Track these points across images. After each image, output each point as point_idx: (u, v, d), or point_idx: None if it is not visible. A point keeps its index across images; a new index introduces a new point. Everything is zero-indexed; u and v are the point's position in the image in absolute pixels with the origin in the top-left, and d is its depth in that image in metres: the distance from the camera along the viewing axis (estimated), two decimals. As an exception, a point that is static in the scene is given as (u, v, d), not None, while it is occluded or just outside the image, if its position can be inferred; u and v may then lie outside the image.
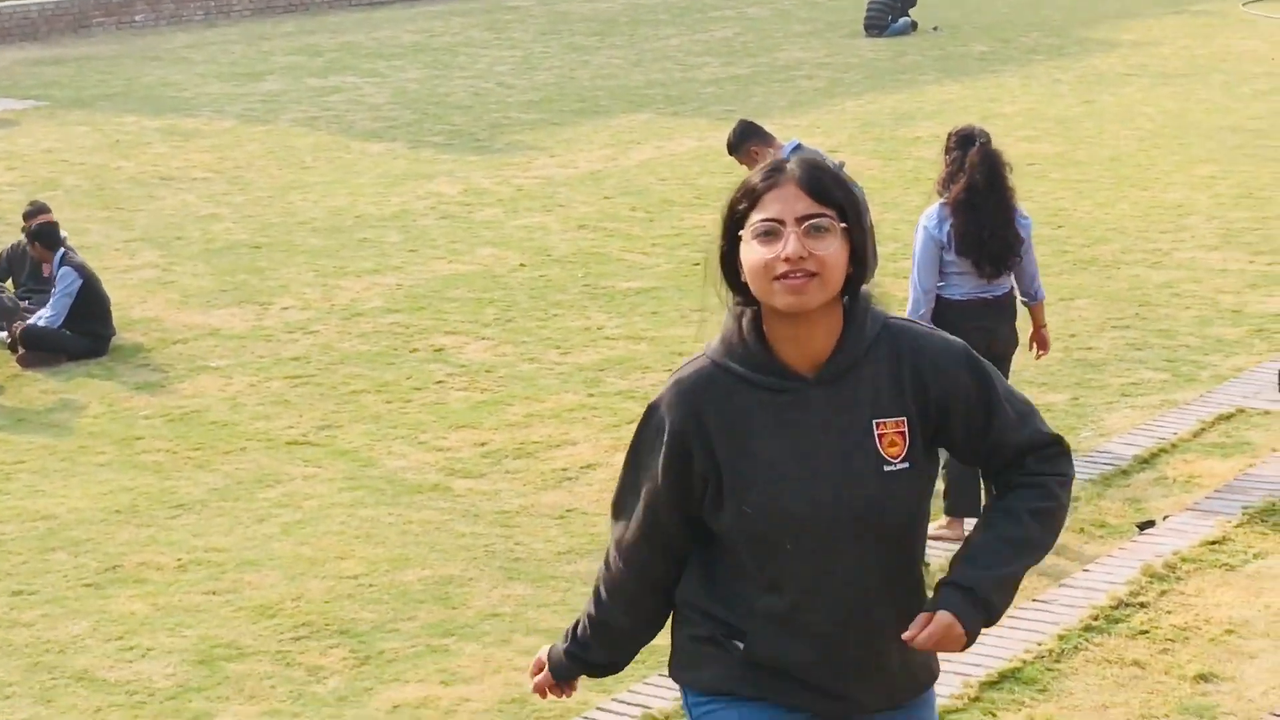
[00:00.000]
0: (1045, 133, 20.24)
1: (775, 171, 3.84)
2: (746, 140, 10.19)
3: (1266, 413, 9.81)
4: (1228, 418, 9.74)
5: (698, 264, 14.74)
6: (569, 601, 8.26)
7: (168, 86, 24.18)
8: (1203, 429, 9.58)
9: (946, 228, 8.48)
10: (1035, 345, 9.11)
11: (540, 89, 24.00)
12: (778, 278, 3.82)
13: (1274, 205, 16.12)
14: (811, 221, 3.76)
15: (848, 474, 3.74)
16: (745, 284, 3.93)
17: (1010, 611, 7.21)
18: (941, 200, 8.60)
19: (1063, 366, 11.68)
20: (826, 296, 3.79)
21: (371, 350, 12.51)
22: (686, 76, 24.88)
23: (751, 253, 3.88)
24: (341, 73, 25.32)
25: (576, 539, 9.07)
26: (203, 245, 15.61)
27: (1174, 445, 9.34)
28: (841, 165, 10.01)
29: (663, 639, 4.25)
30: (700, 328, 4.06)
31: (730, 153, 10.33)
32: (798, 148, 10.11)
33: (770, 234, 3.82)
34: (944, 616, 3.71)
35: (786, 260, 3.78)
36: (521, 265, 14.82)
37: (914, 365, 3.78)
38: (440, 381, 11.80)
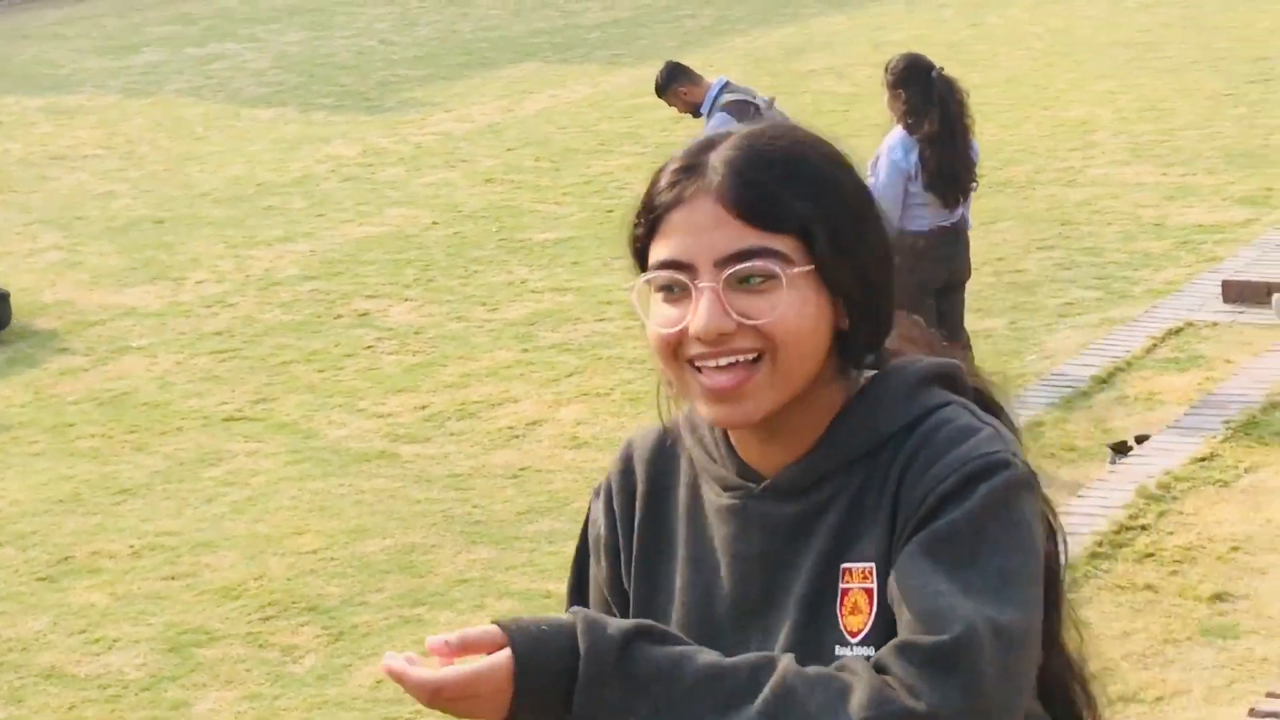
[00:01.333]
0: (937, 58, 19.80)
1: (686, 171, 2.36)
2: (673, 82, 9.99)
3: (1213, 325, 9.79)
4: (1176, 332, 9.70)
5: (611, 211, 14.55)
6: (536, 562, 8.10)
7: (43, 64, 23.57)
8: (1154, 345, 9.54)
9: (914, 158, 8.29)
10: None
11: (424, 44, 23.64)
12: (691, 363, 2.32)
13: (1177, 116, 16.16)
14: (739, 269, 2.25)
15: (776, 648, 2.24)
16: None
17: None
18: (910, 133, 8.36)
19: (995, 291, 11.60)
20: (782, 396, 2.27)
21: (295, 319, 12.21)
22: (570, 23, 24.60)
23: (653, 316, 2.34)
24: (220, 40, 24.80)
25: (534, 498, 8.88)
26: (105, 224, 15.19)
27: (1128, 363, 9.29)
28: (772, 102, 9.84)
29: None
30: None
31: (659, 94, 10.12)
32: (725, 85, 9.91)
33: (674, 288, 2.31)
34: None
35: (699, 339, 2.28)
36: (434, 223, 14.55)
37: (905, 466, 2.24)
38: (370, 346, 11.54)
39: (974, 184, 8.46)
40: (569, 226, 14.19)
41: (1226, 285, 10.28)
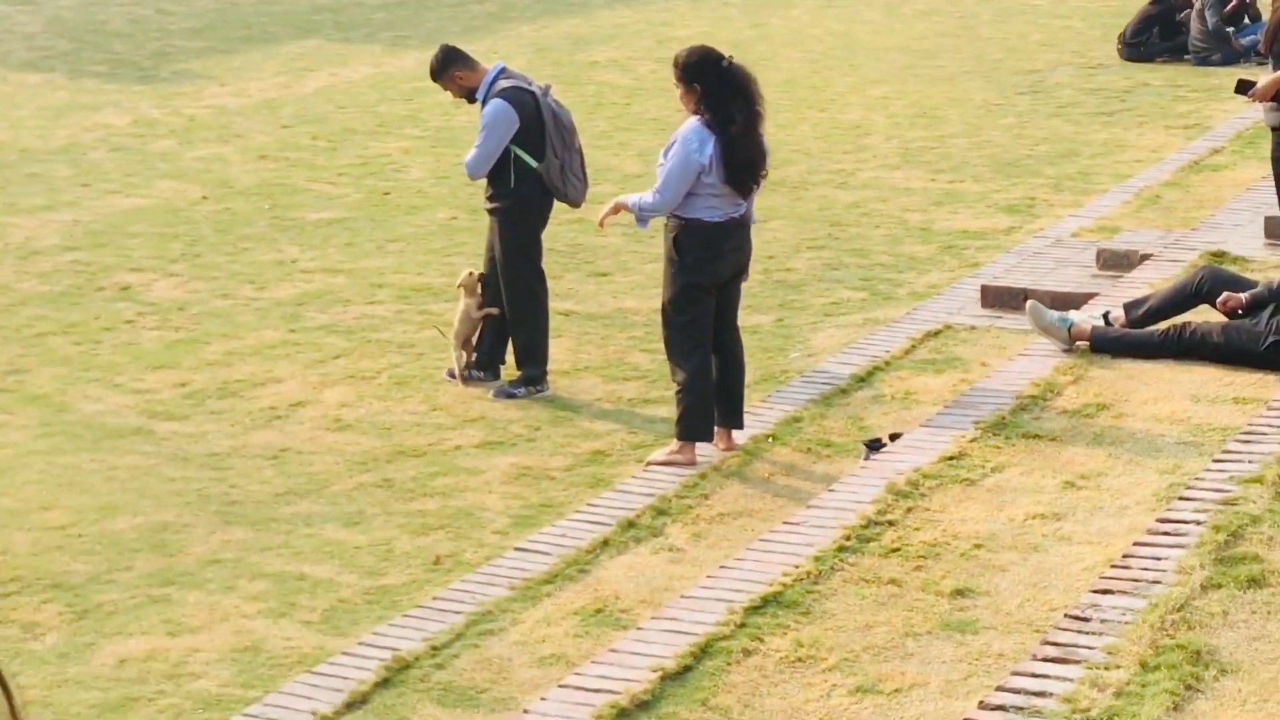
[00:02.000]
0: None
1: None
2: (450, 66, 9.93)
3: (971, 328, 10.01)
4: (935, 334, 9.90)
5: (388, 193, 14.46)
6: (292, 544, 8.00)
7: None
8: (913, 346, 9.72)
9: (709, 150, 8.32)
10: None
11: (202, 15, 23.24)
12: None
13: (948, 124, 16.50)
14: None
15: None
16: None
17: (760, 534, 7.26)
18: (709, 126, 8.36)
19: (764, 288, 11.75)
20: None
21: (54, 290, 11.93)
22: (355, 2, 24.36)
23: None
24: (-11, 0, 24.13)
25: (293, 479, 8.78)
26: None
27: (887, 363, 9.46)
28: (547, 90, 9.83)
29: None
30: None
31: (434, 79, 10.06)
32: (502, 72, 9.89)
33: None
34: None
35: None
36: (204, 198, 14.33)
37: None
38: (130, 321, 11.32)
39: (764, 175, 8.53)
40: (343, 207, 14.06)
41: (985, 290, 10.52)
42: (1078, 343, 8.52)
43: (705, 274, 8.43)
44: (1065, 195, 13.87)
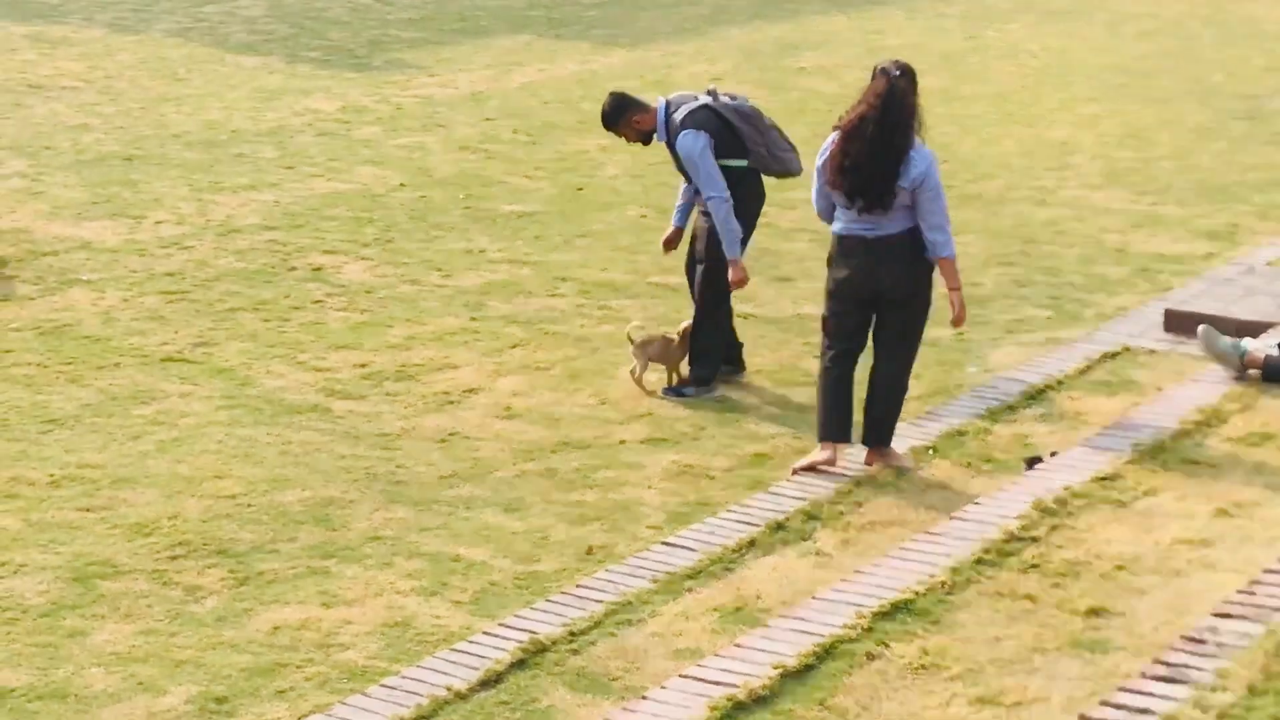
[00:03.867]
0: (930, 68, 20.30)
1: None
2: (626, 111, 10.17)
3: (1151, 352, 9.95)
4: (1113, 356, 9.86)
5: (581, 189, 14.71)
6: (451, 526, 8.24)
7: (34, -9, 23.68)
8: (1089, 367, 9.70)
9: (825, 154, 8.42)
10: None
11: (420, 6, 23.77)
12: None
13: (1157, 146, 16.33)
14: None
15: None
16: None
17: (901, 543, 7.33)
18: (836, 125, 8.47)
19: (947, 303, 11.72)
20: None
21: (248, 268, 12.36)
22: (569, 0, 24.74)
23: None
24: (215, -17, 24.91)
25: (459, 463, 9.03)
26: (73, 156, 15.34)
27: (1060, 382, 9.46)
28: (714, 93, 9.99)
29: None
30: None
31: (608, 126, 10.27)
32: (668, 105, 10.09)
33: None
34: None
35: None
36: (401, 185, 14.71)
37: None
38: (319, 301, 11.69)
39: (891, 195, 8.60)
40: (537, 201, 14.34)
41: (1169, 314, 10.44)
42: (1250, 370, 8.44)
43: (833, 283, 8.51)
44: (1270, 224, 13.67)
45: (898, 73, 8.41)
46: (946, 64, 20.61)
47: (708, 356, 10.02)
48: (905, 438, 9.10)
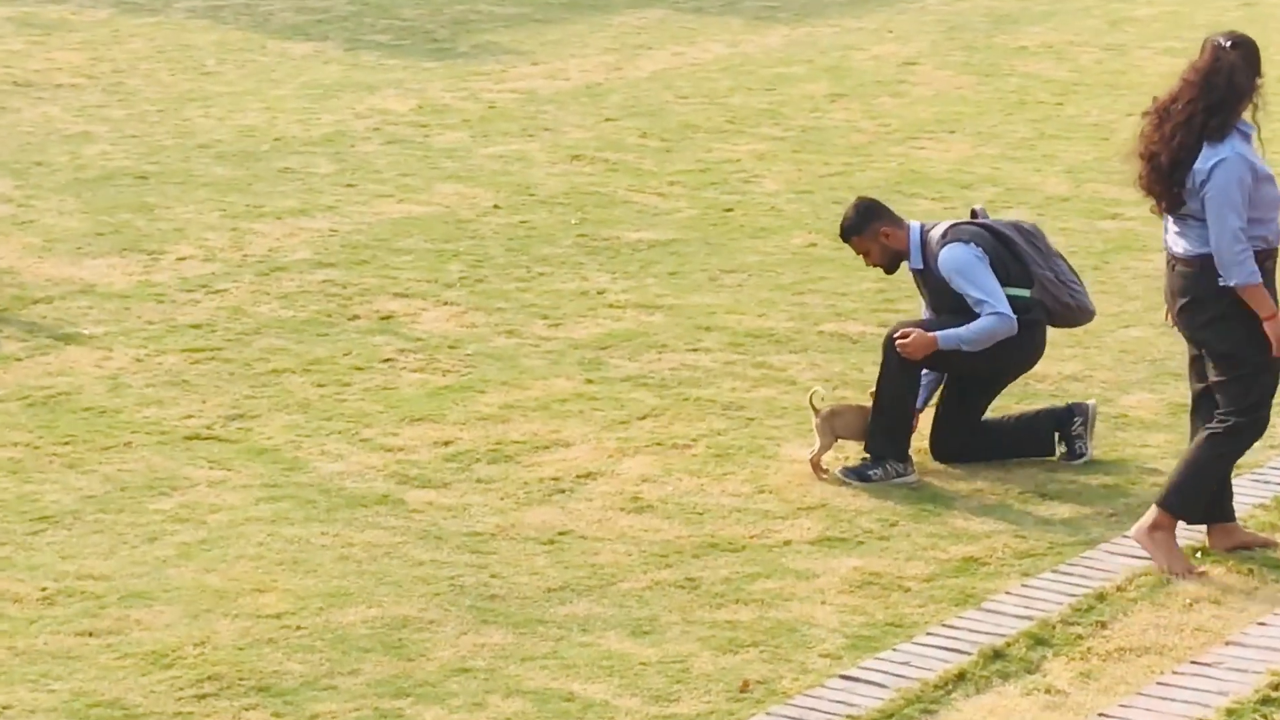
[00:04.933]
0: (1192, 44, 19.81)
1: None
2: (875, 220, 10.33)
3: None
4: None
5: (731, 210, 14.75)
6: (562, 654, 8.27)
7: (22, -38, 24.12)
8: None
9: None
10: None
11: (519, -26, 23.95)
12: None
13: None
14: None
15: None
16: None
17: (1160, 676, 7.23)
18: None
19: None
20: None
21: (297, 317, 12.48)
22: (714, -39, 24.82)
23: None
24: (254, -52, 25.25)
25: (572, 572, 9.06)
26: (71, 174, 15.57)
27: None
28: (983, 212, 10.21)
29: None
30: None
31: (847, 236, 10.42)
32: (922, 228, 10.31)
33: None
34: None
35: None
36: (495, 207, 14.80)
37: None
38: (389, 360, 11.77)
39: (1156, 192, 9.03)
40: (672, 226, 14.39)
41: None
42: None
43: None
44: None
45: (1228, 44, 8.74)
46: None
47: (892, 430, 10.04)
48: (1164, 536, 9.01)
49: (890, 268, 10.44)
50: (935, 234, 10.22)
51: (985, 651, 7.85)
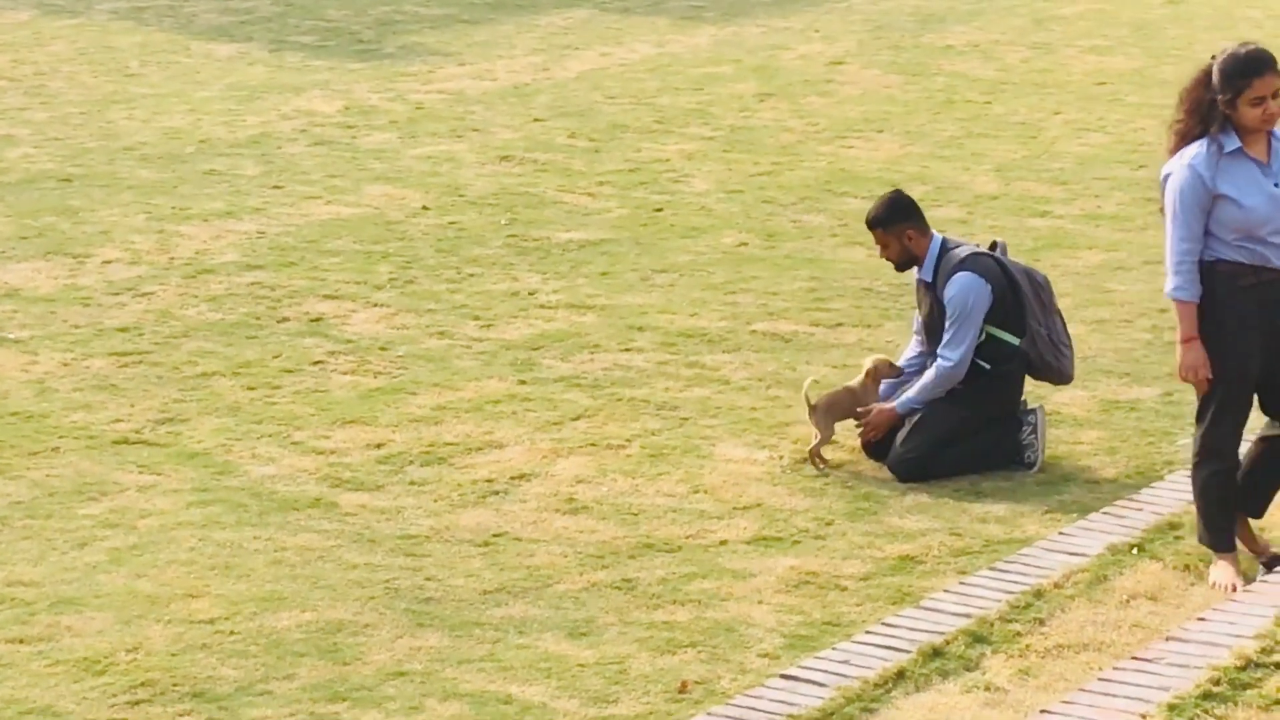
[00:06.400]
0: (1118, 42, 20.33)
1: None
2: (904, 220, 10.33)
3: None
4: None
5: (660, 210, 14.74)
6: (499, 656, 8.23)
7: (-59, -36, 24.00)
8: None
9: None
10: None
11: (444, -25, 23.93)
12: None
13: None
14: None
15: None
16: None
17: (1100, 672, 7.25)
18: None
19: (1151, 352, 11.73)
20: None
21: (226, 320, 12.43)
22: (639, -39, 24.85)
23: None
24: (176, -51, 25.17)
25: (508, 574, 9.03)
26: (-6, 177, 15.49)
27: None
28: (1003, 248, 10.41)
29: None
30: None
31: (872, 226, 10.42)
32: (944, 244, 10.34)
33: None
34: None
35: None
36: (424, 208, 14.77)
37: None
38: (319, 362, 11.73)
39: None
40: (603, 226, 14.38)
41: None
42: None
43: None
44: None
45: (1214, 56, 8.62)
46: (1139, 36, 20.57)
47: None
48: (1100, 532, 9.03)
49: (902, 267, 10.49)
50: (956, 254, 10.26)
51: (924, 650, 7.87)
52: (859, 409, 10.29)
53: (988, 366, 10.18)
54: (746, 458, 10.30)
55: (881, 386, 10.39)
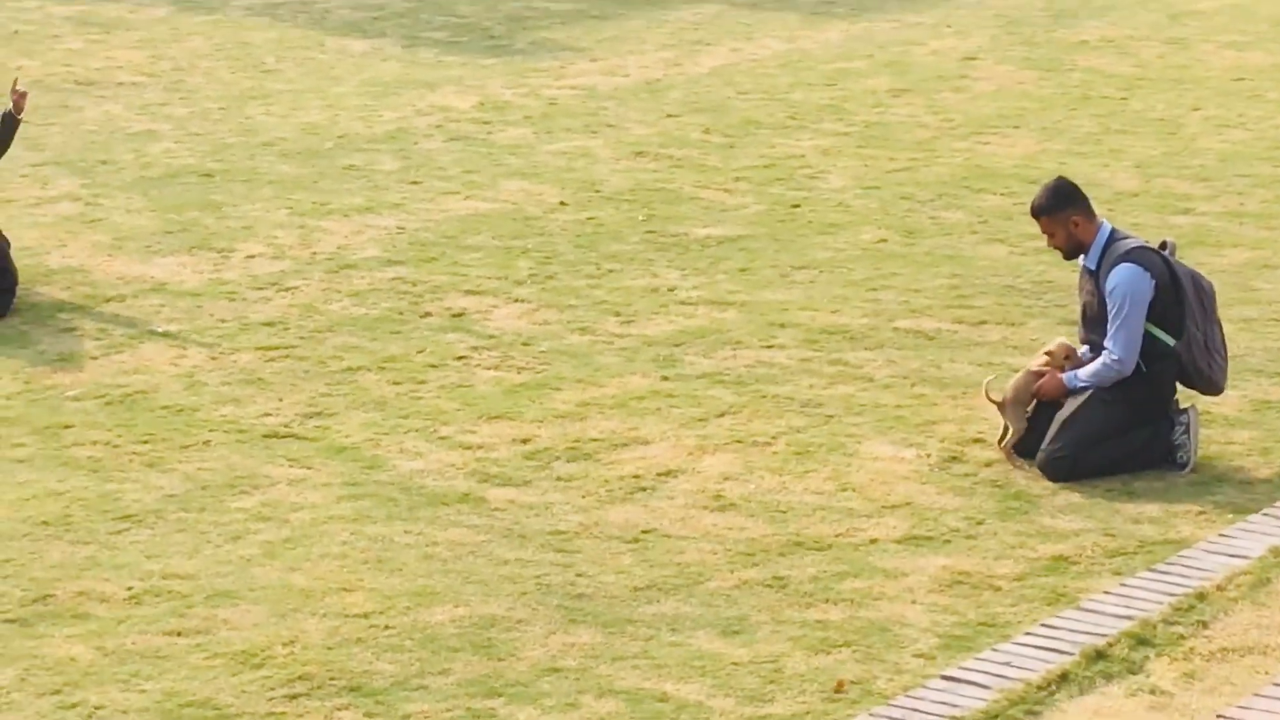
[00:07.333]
0: (1257, 37, 20.13)
1: None
2: (1069, 206, 10.25)
3: None
4: None
5: (798, 206, 14.68)
6: (653, 654, 8.22)
7: (78, -39, 24.16)
8: None
9: None
10: None
11: (573, -29, 23.95)
12: None
13: None
14: None
15: None
16: None
17: (1261, 673, 7.13)
18: None
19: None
20: None
21: (369, 314, 12.45)
22: (768, -43, 24.81)
23: None
24: (308, -54, 25.27)
25: (658, 570, 9.02)
26: (137, 172, 15.57)
27: None
28: (1173, 248, 10.34)
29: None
30: None
31: (1037, 214, 10.34)
32: (1112, 234, 10.23)
33: None
34: None
35: None
36: (562, 204, 14.77)
37: None
38: (463, 357, 11.74)
39: None
40: (740, 222, 14.33)
41: None
42: None
43: None
44: None
45: None
46: (1279, 33, 20.35)
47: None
48: (1261, 534, 8.93)
49: (1070, 255, 10.37)
50: (1123, 245, 10.17)
51: (1087, 652, 7.83)
52: (1034, 377, 10.21)
53: (1141, 365, 10.07)
54: (894, 455, 10.24)
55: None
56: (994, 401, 10.22)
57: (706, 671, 8.06)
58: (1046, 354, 10.33)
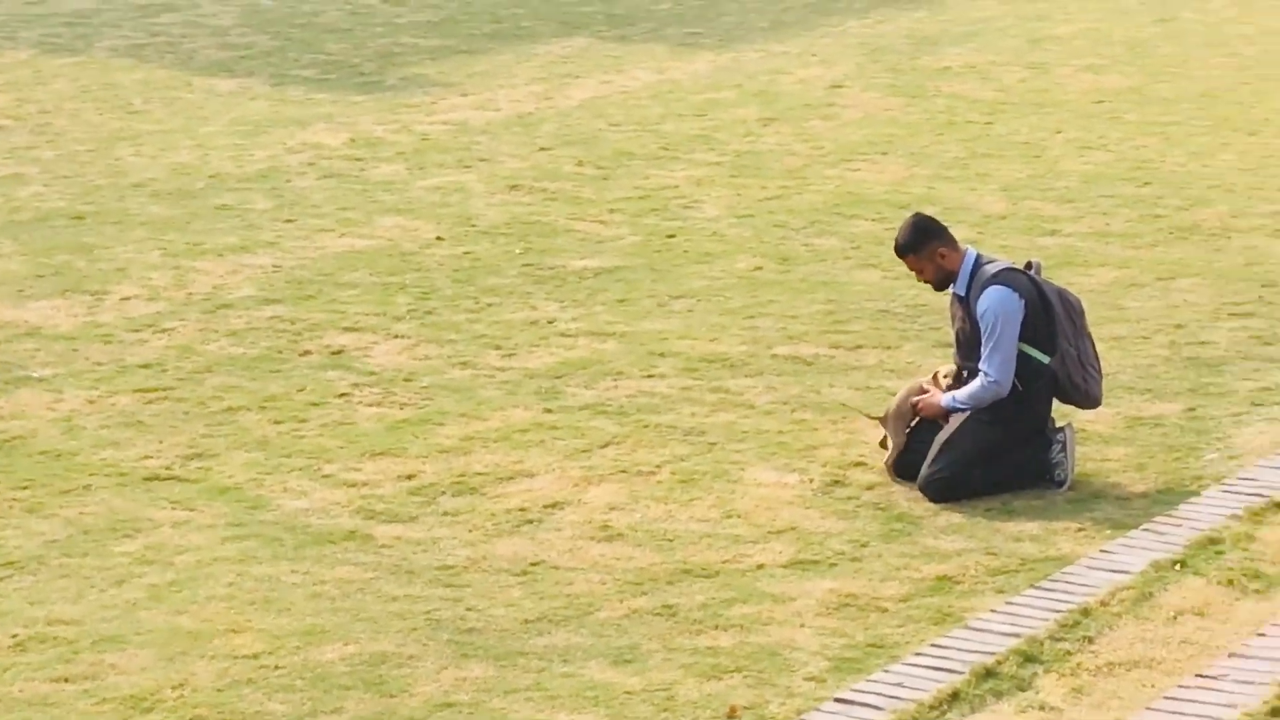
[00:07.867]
0: (1113, 61, 20.36)
1: None
2: (932, 240, 10.30)
3: None
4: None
5: (673, 236, 14.71)
6: (545, 685, 8.19)
7: (-60, 5, 23.96)
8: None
9: None
10: None
11: (441, 6, 23.95)
12: None
13: None
14: None
15: None
16: None
17: (1169, 691, 7.21)
18: None
19: (1171, 367, 11.70)
20: None
21: (248, 354, 12.38)
22: (633, -11, 24.88)
23: None
24: (173, -14, 25.16)
25: (548, 602, 8.99)
26: (6, 216, 15.44)
27: (1340, 469, 9.39)
28: (1038, 267, 10.38)
29: None
30: None
31: (902, 254, 10.39)
32: (978, 259, 10.27)
33: None
34: None
35: None
36: (438, 239, 14.74)
37: None
38: (344, 394, 11.69)
39: None
40: (617, 253, 14.35)
41: None
42: None
43: None
44: None
45: None
46: (1133, 55, 20.59)
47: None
48: (1142, 549, 9.01)
49: (940, 286, 10.41)
50: (990, 269, 10.23)
51: (977, 670, 7.85)
52: (915, 391, 10.28)
53: (1017, 385, 10.15)
54: (777, 481, 10.27)
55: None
56: (876, 418, 10.28)
57: (600, 701, 8.04)
58: (933, 377, 10.39)
